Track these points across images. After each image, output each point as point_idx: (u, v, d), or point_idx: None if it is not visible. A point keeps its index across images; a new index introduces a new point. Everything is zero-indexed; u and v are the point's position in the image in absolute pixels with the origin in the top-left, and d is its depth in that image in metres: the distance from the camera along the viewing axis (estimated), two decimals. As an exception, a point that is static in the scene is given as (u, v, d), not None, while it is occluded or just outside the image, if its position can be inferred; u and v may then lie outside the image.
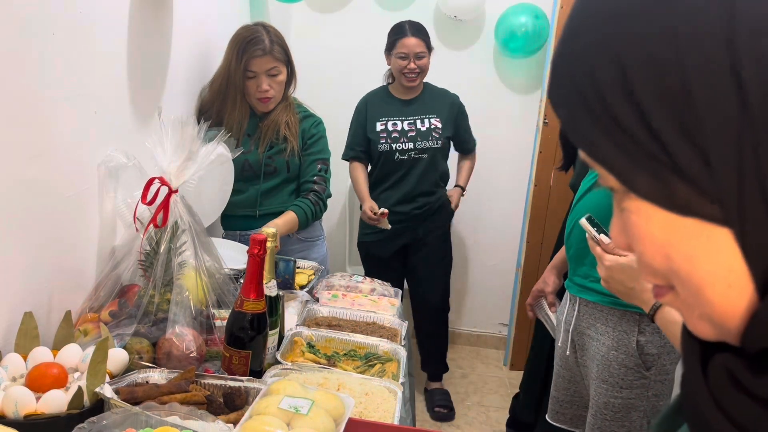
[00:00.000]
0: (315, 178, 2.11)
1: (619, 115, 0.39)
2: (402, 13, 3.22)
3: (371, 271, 2.79)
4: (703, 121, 0.36)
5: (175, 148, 1.35)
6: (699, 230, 0.38)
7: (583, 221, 1.20)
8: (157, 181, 1.37)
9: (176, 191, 1.38)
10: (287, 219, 1.99)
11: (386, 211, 2.62)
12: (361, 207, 2.81)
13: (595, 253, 1.19)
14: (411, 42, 2.65)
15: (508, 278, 3.48)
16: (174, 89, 1.89)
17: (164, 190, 1.38)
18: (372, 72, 2.89)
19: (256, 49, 1.97)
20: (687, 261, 0.39)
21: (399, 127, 2.75)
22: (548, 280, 1.85)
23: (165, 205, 1.36)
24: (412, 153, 2.75)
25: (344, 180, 3.09)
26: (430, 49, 2.72)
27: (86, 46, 1.35)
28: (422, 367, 3.09)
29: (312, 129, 2.13)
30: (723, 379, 0.39)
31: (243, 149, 1.89)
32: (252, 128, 2.09)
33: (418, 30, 2.69)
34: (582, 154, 0.44)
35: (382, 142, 2.74)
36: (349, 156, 2.82)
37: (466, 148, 2.95)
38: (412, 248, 2.88)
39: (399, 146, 2.74)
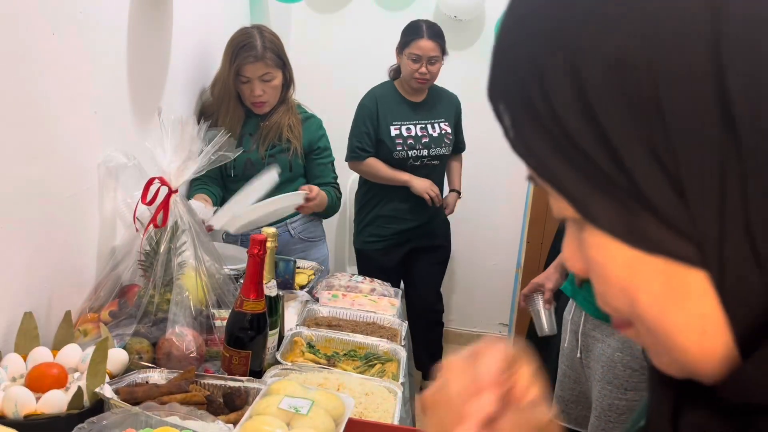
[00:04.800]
0: (334, 181, 2.19)
1: (574, 131, 0.32)
2: (402, 13, 3.22)
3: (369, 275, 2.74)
4: (676, 142, 0.30)
5: (175, 148, 1.35)
6: (669, 271, 0.32)
7: None
8: (157, 181, 1.37)
9: (176, 191, 1.38)
10: (323, 194, 2.04)
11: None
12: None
13: None
14: (427, 45, 2.51)
15: (508, 278, 3.48)
16: (174, 89, 1.89)
17: (164, 190, 1.38)
18: (372, 72, 2.87)
19: (247, 55, 1.97)
20: (654, 305, 0.34)
21: (413, 133, 2.64)
22: (552, 276, 1.81)
23: (165, 205, 1.36)
24: (425, 160, 2.65)
25: (344, 180, 3.08)
26: (444, 53, 2.58)
27: (86, 45, 1.35)
28: (417, 366, 2.99)
29: (318, 131, 2.18)
30: None
31: (244, 149, 1.93)
32: (253, 127, 2.10)
33: (435, 33, 2.55)
34: (530, 172, 0.36)
35: (398, 148, 2.61)
36: (362, 157, 2.61)
37: (459, 148, 2.86)
38: (413, 254, 2.81)
39: (414, 153, 2.63)
